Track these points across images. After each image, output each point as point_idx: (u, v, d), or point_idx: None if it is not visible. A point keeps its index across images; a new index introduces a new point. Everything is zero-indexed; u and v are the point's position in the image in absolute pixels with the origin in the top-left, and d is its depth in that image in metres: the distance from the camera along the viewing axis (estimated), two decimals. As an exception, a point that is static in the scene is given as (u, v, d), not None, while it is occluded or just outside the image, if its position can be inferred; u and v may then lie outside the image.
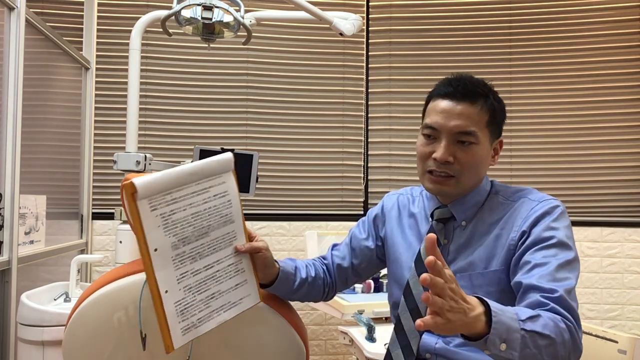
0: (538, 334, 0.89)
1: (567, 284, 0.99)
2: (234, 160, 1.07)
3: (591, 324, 2.23)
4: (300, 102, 2.92)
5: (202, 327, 1.01)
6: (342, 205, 2.92)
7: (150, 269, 0.93)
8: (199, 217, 1.01)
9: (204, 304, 1.01)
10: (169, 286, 0.95)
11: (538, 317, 0.91)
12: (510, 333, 0.86)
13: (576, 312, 0.98)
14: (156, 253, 0.94)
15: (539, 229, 1.05)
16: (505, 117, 1.19)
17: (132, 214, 0.92)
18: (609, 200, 2.85)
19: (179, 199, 0.98)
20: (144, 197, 0.93)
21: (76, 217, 2.60)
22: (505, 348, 0.86)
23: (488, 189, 1.18)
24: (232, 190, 1.07)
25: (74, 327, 1.21)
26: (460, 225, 1.16)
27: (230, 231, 1.08)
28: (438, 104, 1.14)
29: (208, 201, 1.03)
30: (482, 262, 1.10)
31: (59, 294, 1.99)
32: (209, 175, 1.03)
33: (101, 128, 2.76)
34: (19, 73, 1.83)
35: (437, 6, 2.96)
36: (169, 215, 0.96)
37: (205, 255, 1.03)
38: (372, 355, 1.87)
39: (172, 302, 0.95)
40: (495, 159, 1.18)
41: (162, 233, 0.95)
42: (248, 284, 1.10)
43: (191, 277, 0.99)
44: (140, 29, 2.05)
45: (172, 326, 0.95)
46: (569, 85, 2.89)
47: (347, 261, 1.34)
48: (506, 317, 0.87)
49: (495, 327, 0.84)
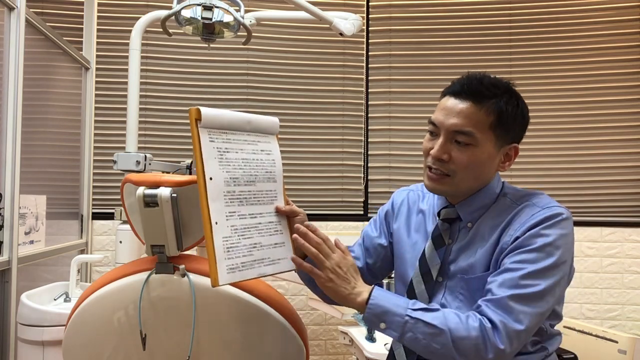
0: (424, 322, 0.97)
1: (524, 290, 0.97)
2: (279, 125, 1.18)
3: (591, 324, 2.23)
4: (300, 102, 2.92)
5: (245, 272, 1.03)
6: (342, 205, 2.92)
7: (205, 196, 0.99)
8: (247, 164, 1.08)
9: (247, 249, 1.05)
10: (219, 219, 1.00)
11: (435, 310, 0.99)
12: (388, 315, 0.98)
13: (514, 316, 0.95)
14: (211, 182, 1.00)
15: (529, 233, 1.03)
16: (523, 122, 1.14)
17: (194, 139, 1.00)
18: (609, 200, 2.85)
19: (233, 141, 1.07)
20: (205, 126, 1.02)
21: (76, 217, 2.60)
22: (385, 327, 0.99)
23: (498, 191, 1.16)
24: (276, 152, 1.17)
25: (74, 327, 1.21)
26: (466, 227, 1.15)
27: (272, 189, 1.14)
28: (445, 101, 1.12)
29: (256, 153, 1.11)
30: (482, 265, 1.09)
31: (59, 294, 1.99)
32: (259, 130, 1.13)
33: (101, 128, 2.76)
34: (19, 73, 1.83)
35: (437, 6, 2.96)
36: (224, 152, 1.04)
37: (251, 203, 1.08)
38: (372, 355, 1.87)
39: (220, 236, 0.99)
40: (505, 165, 1.15)
41: (217, 165, 1.02)
42: (285, 247, 1.13)
43: (238, 219, 1.04)
44: (140, 29, 2.05)
45: (220, 260, 0.98)
46: (569, 85, 2.89)
47: (361, 261, 1.34)
48: (390, 302, 1.00)
49: (371, 307, 0.99)
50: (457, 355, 0.95)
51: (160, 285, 1.17)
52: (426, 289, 1.14)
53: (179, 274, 1.16)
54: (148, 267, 1.19)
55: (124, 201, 1.24)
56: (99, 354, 1.19)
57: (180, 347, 1.17)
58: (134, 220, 1.24)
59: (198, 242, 1.23)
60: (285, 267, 1.12)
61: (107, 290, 1.19)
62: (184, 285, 1.16)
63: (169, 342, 1.18)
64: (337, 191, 2.92)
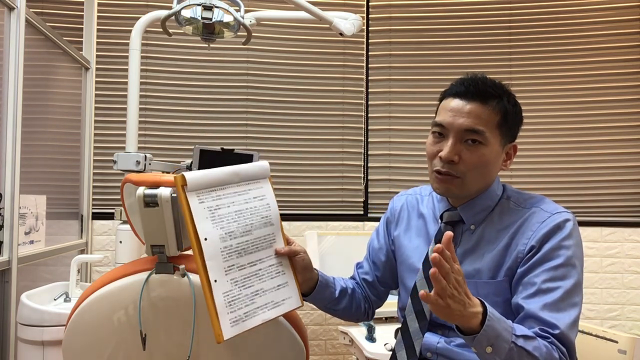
0: (527, 352, 0.94)
1: (570, 315, 1.00)
2: (269, 169, 1.18)
3: (591, 324, 2.23)
4: (300, 102, 2.92)
5: (249, 322, 1.05)
6: (342, 205, 2.92)
7: (201, 257, 1.00)
8: (242, 215, 1.09)
9: (249, 299, 1.06)
10: (218, 276, 1.01)
11: (533, 339, 0.96)
12: (498, 340, 0.92)
13: (573, 346, 0.99)
14: (206, 242, 1.01)
15: (549, 245, 1.04)
16: (520, 121, 1.16)
17: (183, 205, 1.01)
18: (609, 200, 2.85)
19: (223, 197, 1.07)
20: (192, 190, 1.03)
21: (76, 217, 2.60)
22: (491, 351, 0.92)
23: (499, 194, 1.17)
24: (270, 195, 1.17)
25: (74, 327, 1.21)
26: (469, 229, 1.15)
27: (270, 233, 1.15)
28: (449, 102, 1.13)
29: (249, 202, 1.12)
30: (490, 271, 1.09)
31: (59, 294, 1.99)
32: (248, 179, 1.13)
33: (101, 128, 2.76)
34: (19, 73, 1.83)
35: (437, 6, 2.96)
36: (215, 210, 1.05)
37: (249, 252, 1.09)
38: (372, 355, 1.87)
39: (220, 292, 1.01)
40: (507, 164, 1.16)
41: (210, 224, 1.03)
42: (289, 287, 1.16)
43: (237, 271, 1.05)
44: (140, 29, 2.05)
45: (222, 316, 1.00)
46: (569, 85, 2.89)
47: (371, 275, 1.36)
48: (501, 325, 0.93)
49: (486, 329, 0.91)
50: None
51: (160, 285, 1.17)
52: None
53: (179, 274, 1.16)
54: (148, 267, 1.19)
55: (124, 201, 1.24)
56: (99, 354, 1.19)
57: (180, 347, 1.17)
58: (134, 220, 1.24)
59: (198, 242, 1.23)
60: (290, 307, 1.14)
61: (107, 290, 1.19)
62: (184, 285, 1.16)
63: (169, 342, 1.18)
64: (337, 191, 2.92)
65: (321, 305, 1.28)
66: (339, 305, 1.29)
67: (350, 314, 1.33)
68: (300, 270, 1.19)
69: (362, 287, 1.37)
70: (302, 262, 1.18)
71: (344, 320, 1.38)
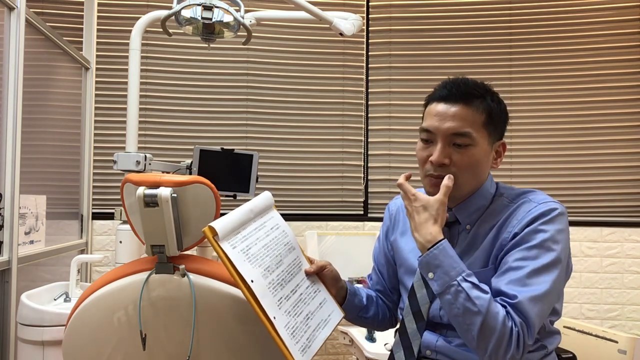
0: (467, 295, 0.97)
1: (534, 290, 0.99)
2: (271, 196, 1.23)
3: (591, 324, 2.23)
4: (300, 102, 2.91)
5: (313, 346, 1.08)
6: (342, 205, 2.92)
7: (255, 299, 1.01)
8: (269, 249, 1.13)
9: (304, 325, 1.09)
10: (274, 312, 1.03)
11: (484, 292, 0.98)
12: (439, 271, 1.00)
13: (532, 322, 0.98)
14: (253, 284, 1.03)
15: (528, 229, 1.05)
16: (506, 118, 1.17)
17: (220, 254, 1.03)
18: (609, 200, 2.85)
19: (248, 236, 1.10)
20: (224, 238, 1.04)
21: (76, 217, 2.60)
22: (432, 278, 1.02)
23: (493, 192, 1.17)
24: (282, 222, 1.22)
25: (74, 327, 1.21)
26: (465, 229, 1.16)
27: (295, 257, 1.19)
28: (434, 107, 1.14)
29: (269, 234, 1.16)
30: (480, 261, 1.11)
31: (59, 294, 1.99)
32: (260, 213, 1.17)
33: (101, 128, 2.76)
34: (19, 73, 1.83)
35: (437, 6, 2.96)
36: (248, 250, 1.07)
37: (287, 281, 1.12)
38: (372, 355, 1.87)
39: (282, 327, 1.03)
40: (497, 162, 1.17)
41: (249, 266, 1.04)
42: (328, 302, 1.20)
43: (286, 302, 1.08)
44: (140, 29, 2.05)
45: (292, 348, 1.02)
46: (569, 85, 2.89)
47: (381, 285, 1.38)
48: (448, 261, 1.00)
49: (429, 255, 1.01)
50: (477, 340, 0.97)
51: (160, 285, 1.17)
52: (427, 293, 1.16)
53: (179, 274, 1.16)
54: (148, 267, 1.19)
55: (124, 201, 1.24)
56: (99, 354, 1.19)
57: (181, 347, 1.17)
58: (134, 220, 1.24)
59: (198, 242, 1.23)
60: (337, 320, 1.19)
61: (107, 290, 1.19)
62: (184, 285, 1.16)
63: (169, 342, 1.18)
64: (337, 191, 2.92)
65: (353, 314, 1.30)
66: (369, 313, 1.32)
67: (378, 321, 1.34)
68: (331, 282, 1.23)
69: (379, 297, 1.39)
70: (331, 274, 1.23)
71: (376, 330, 1.39)
